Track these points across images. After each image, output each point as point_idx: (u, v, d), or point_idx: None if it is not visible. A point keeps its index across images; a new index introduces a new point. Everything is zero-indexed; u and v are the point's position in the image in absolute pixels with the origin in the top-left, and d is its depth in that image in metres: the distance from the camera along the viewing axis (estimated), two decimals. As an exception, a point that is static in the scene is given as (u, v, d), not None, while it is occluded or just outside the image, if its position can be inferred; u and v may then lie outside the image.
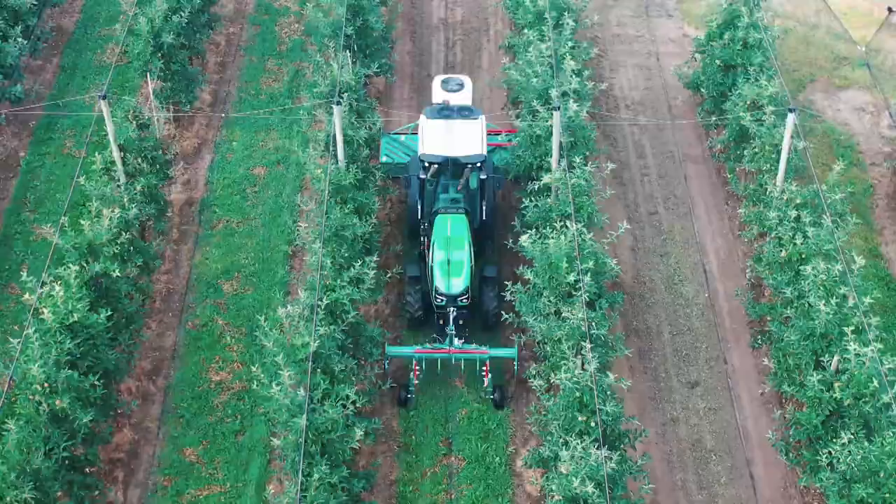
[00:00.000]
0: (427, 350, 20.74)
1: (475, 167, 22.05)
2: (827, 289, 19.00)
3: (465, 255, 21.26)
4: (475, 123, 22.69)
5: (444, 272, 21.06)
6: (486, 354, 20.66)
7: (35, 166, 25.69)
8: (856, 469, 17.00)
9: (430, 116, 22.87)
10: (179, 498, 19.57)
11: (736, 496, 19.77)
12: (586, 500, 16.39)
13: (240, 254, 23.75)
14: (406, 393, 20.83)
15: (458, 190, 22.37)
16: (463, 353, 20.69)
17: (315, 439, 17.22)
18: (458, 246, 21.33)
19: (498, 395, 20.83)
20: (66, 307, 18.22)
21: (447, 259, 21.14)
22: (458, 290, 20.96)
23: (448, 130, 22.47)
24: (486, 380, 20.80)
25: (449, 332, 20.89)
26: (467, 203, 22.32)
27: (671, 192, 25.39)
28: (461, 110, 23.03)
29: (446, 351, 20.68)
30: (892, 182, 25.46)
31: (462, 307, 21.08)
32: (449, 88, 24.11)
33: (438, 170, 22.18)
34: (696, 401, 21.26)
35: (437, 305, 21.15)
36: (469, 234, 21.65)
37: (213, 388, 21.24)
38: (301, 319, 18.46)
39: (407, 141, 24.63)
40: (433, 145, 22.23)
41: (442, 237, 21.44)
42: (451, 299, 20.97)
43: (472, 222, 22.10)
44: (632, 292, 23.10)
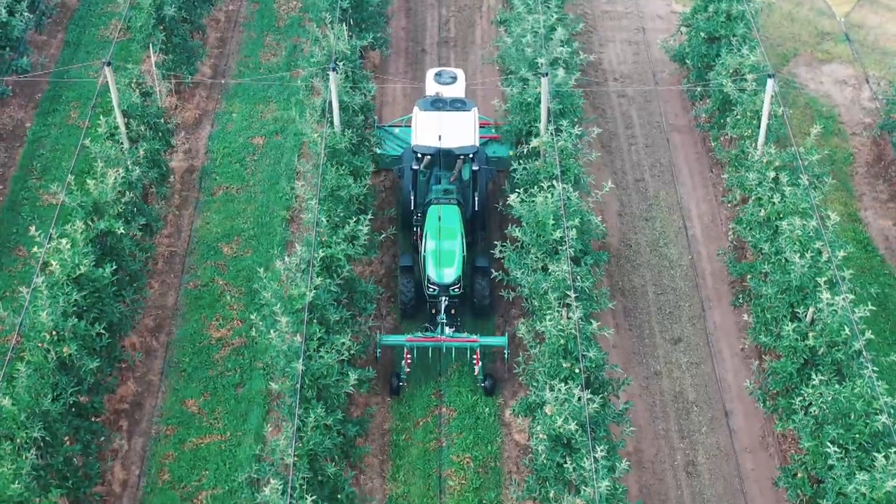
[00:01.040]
0: (419, 339, 21.01)
1: (467, 158, 22.45)
2: (802, 244, 19.81)
3: (458, 245, 21.55)
4: (468, 115, 22.95)
5: (436, 262, 21.31)
6: (477, 343, 20.98)
7: (41, 136, 26.51)
8: (827, 411, 17.82)
9: (423, 108, 23.16)
10: (181, 446, 20.39)
11: (715, 444, 20.59)
12: (569, 439, 17.24)
13: (239, 218, 24.56)
14: (398, 381, 21.13)
15: (450, 181, 22.70)
16: (454, 341, 21.00)
17: (311, 384, 18.02)
18: (451, 236, 21.63)
19: (489, 383, 21.12)
20: (72, 261, 19.03)
21: (439, 249, 21.41)
22: (449, 279, 21.23)
23: (441, 122, 22.72)
24: (477, 368, 21.13)
25: (440, 321, 21.14)
26: (460, 194, 22.65)
27: (657, 160, 26.21)
28: (454, 102, 23.31)
29: (437, 339, 20.97)
30: (872, 151, 26.27)
31: (454, 296, 21.32)
32: (442, 81, 24.45)
33: (431, 161, 22.53)
34: (678, 356, 22.08)
35: (430, 295, 21.39)
36: (461, 224, 21.96)
37: (214, 344, 22.05)
38: (298, 272, 19.26)
39: (401, 133, 25.09)
40: (426, 137, 22.54)
41: (434, 227, 21.74)
42: (443, 289, 21.21)
43: (464, 213, 22.40)
44: (618, 254, 23.92)
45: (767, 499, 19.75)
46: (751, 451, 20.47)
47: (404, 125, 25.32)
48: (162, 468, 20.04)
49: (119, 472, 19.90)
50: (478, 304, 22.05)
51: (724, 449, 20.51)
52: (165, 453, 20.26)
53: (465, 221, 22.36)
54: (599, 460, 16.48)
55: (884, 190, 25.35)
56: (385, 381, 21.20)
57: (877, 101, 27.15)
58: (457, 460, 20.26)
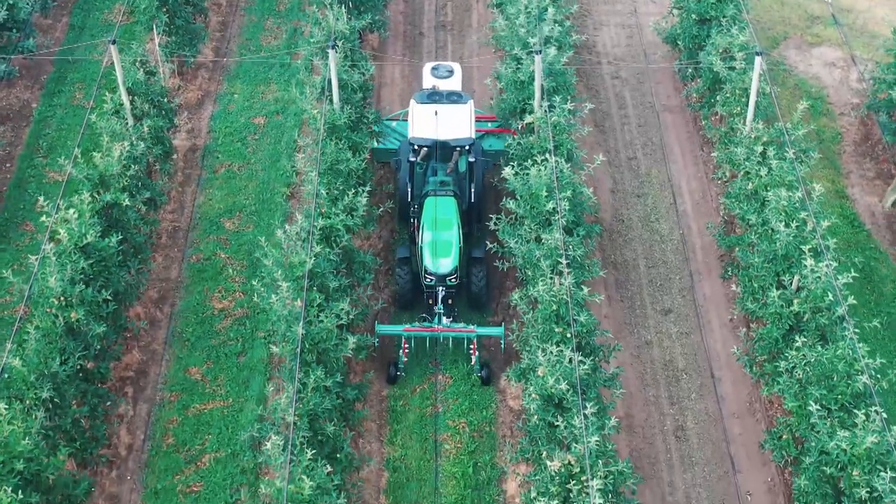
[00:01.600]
0: (416, 329, 21.31)
1: (464, 150, 22.70)
2: (788, 214, 20.40)
3: (454, 236, 21.83)
4: (464, 108, 23.19)
5: (432, 253, 21.59)
6: (474, 333, 21.20)
7: (47, 116, 27.11)
8: (811, 373, 18.42)
9: (420, 101, 23.38)
10: (185, 411, 21.00)
11: (704, 410, 21.19)
12: (560, 399, 17.84)
13: (241, 195, 25.16)
14: (395, 370, 21.45)
15: (447, 173, 22.96)
16: (450, 331, 21.26)
17: (311, 348, 18.61)
18: (447, 227, 21.90)
19: (485, 373, 21.43)
20: (79, 230, 19.62)
21: (436, 240, 21.72)
22: (446, 270, 21.51)
23: (437, 114, 22.98)
24: (474, 358, 21.42)
25: (437, 311, 21.44)
26: (456, 186, 22.90)
27: (649, 139, 26.80)
28: (450, 95, 23.59)
29: (434, 329, 21.26)
30: (860, 130, 26.87)
31: (450, 287, 21.63)
32: (439, 75, 24.70)
33: (428, 153, 22.83)
34: (668, 326, 22.68)
35: (426, 285, 21.65)
36: (458, 215, 22.25)
37: (216, 315, 22.65)
38: (298, 240, 19.85)
39: (398, 127, 25.39)
40: (423, 129, 22.82)
41: (431, 219, 22.01)
42: (440, 279, 21.50)
43: (460, 204, 22.67)
44: (610, 229, 24.52)
45: (754, 462, 20.35)
46: (738, 416, 21.08)
47: (401, 119, 25.65)
48: (166, 432, 20.65)
49: (125, 435, 20.51)
50: (474, 295, 22.39)
51: (712, 414, 21.11)
52: (169, 418, 20.87)
53: (462, 213, 22.66)
54: (589, 417, 17.07)
55: (870, 168, 25.94)
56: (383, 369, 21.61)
57: (864, 83, 27.74)
58: (452, 425, 20.86)
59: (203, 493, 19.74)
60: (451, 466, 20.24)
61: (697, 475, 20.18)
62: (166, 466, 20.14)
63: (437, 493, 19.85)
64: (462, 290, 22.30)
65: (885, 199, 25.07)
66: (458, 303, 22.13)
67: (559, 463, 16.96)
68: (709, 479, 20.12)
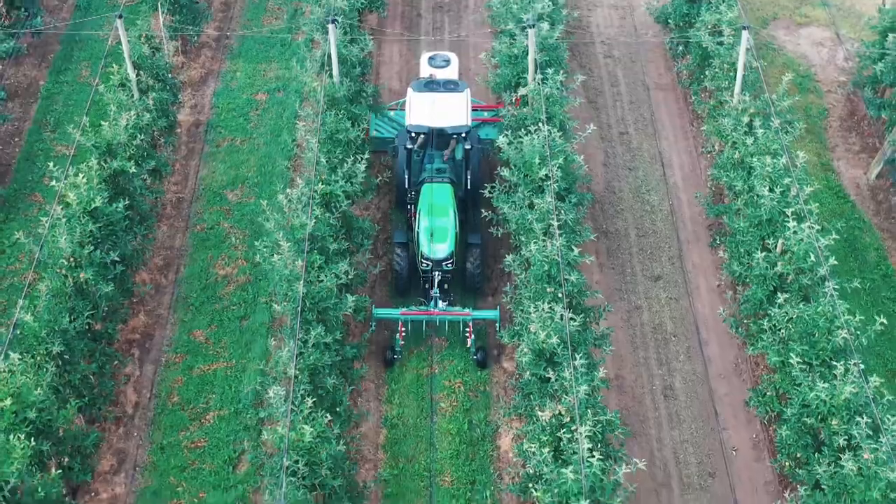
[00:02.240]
0: (412, 312, 21.76)
1: (460, 138, 23.07)
2: (772, 180, 21.11)
3: (450, 222, 22.20)
4: (460, 96, 23.58)
5: (429, 238, 21.97)
6: (469, 316, 21.68)
7: (54, 93, 27.82)
8: (793, 330, 19.13)
9: (417, 90, 23.80)
10: (190, 372, 21.71)
11: (691, 371, 21.90)
12: (552, 353, 18.54)
13: (243, 167, 25.88)
14: (392, 353, 21.84)
15: (443, 160, 23.34)
16: (446, 314, 21.74)
17: (311, 307, 19.30)
18: (443, 213, 22.30)
19: (481, 356, 21.78)
20: (87, 195, 20.32)
21: (432, 225, 22.10)
22: (442, 255, 21.89)
23: (434, 102, 23.39)
24: (470, 340, 21.84)
25: (433, 295, 21.90)
26: (452, 173, 23.29)
27: (640, 115, 27.53)
28: (447, 84, 24.00)
29: (431, 313, 21.72)
30: (846, 106, 27.58)
31: (447, 272, 22.01)
32: (435, 64, 25.20)
33: (425, 140, 23.15)
34: (658, 292, 23.39)
35: (423, 270, 22.04)
36: (454, 202, 22.63)
37: (220, 281, 23.36)
38: (299, 205, 20.54)
39: (396, 117, 25.88)
40: (420, 116, 23.19)
41: (427, 205, 22.41)
42: (436, 264, 21.88)
43: (457, 191, 23.09)
44: (602, 200, 25.24)
45: (739, 419, 21.05)
46: (724, 376, 21.79)
47: (399, 108, 26.09)
48: (171, 392, 21.36)
49: (131, 394, 21.22)
50: (470, 280, 22.77)
51: (699, 375, 21.82)
52: (175, 378, 21.58)
53: (458, 199, 23.10)
54: (579, 369, 17.77)
55: (856, 142, 26.66)
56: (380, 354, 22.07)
57: (850, 61, 28.45)
58: (448, 385, 21.57)
59: (207, 448, 20.45)
60: (446, 423, 20.94)
61: (685, 432, 20.89)
62: (172, 423, 20.86)
63: (433, 448, 20.55)
64: (458, 275, 22.69)
65: (869, 172, 25.79)
66: (454, 288, 22.56)
67: (550, 413, 17.64)
68: (696, 436, 20.82)
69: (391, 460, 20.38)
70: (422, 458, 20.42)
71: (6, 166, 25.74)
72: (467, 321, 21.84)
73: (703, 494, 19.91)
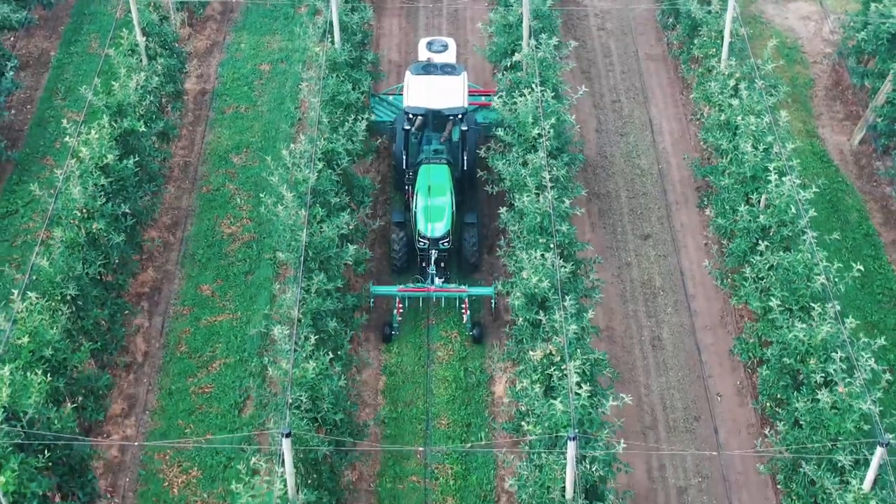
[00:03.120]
0: (410, 289, 22.35)
1: (457, 119, 23.57)
2: (756, 138, 22.01)
3: (447, 201, 22.68)
4: (457, 79, 24.12)
5: (426, 217, 22.43)
6: (465, 293, 22.26)
7: (64, 63, 28.76)
8: (773, 278, 20.02)
9: (415, 73, 24.36)
10: (197, 323, 22.62)
11: (679, 323, 22.81)
12: (543, 298, 19.43)
13: (248, 133, 26.79)
14: (390, 329, 22.39)
15: (440, 142, 23.85)
16: (443, 291, 22.33)
17: (314, 256, 20.20)
18: (440, 193, 22.79)
19: (477, 332, 22.29)
20: (99, 151, 21.22)
21: (429, 205, 22.58)
22: (439, 233, 22.38)
23: (431, 85, 23.91)
24: (465, 316, 22.37)
25: (430, 272, 22.46)
26: (449, 154, 23.82)
27: (632, 85, 28.44)
28: (444, 67, 24.55)
29: (427, 290, 22.32)
30: (831, 77, 28.48)
31: (443, 250, 22.51)
32: (434, 49, 25.86)
33: (423, 122, 23.64)
34: (647, 250, 24.30)
35: (420, 248, 22.59)
36: (451, 182, 23.15)
37: (225, 239, 24.27)
38: (302, 159, 21.44)
39: (394, 101, 26.44)
40: (417, 98, 23.67)
41: (425, 185, 22.89)
42: (433, 242, 22.38)
43: (453, 172, 23.60)
44: (594, 164, 26.14)
45: (724, 368, 21.96)
46: (710, 328, 22.69)
47: (397, 93, 26.70)
48: (179, 341, 22.27)
49: (141, 343, 22.13)
50: (467, 259, 23.32)
51: (685, 326, 22.73)
52: (183, 329, 22.49)
53: (455, 180, 23.62)
54: (569, 309, 18.66)
55: (840, 110, 27.56)
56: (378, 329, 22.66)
57: (836, 34, 29.33)
58: (445, 335, 22.47)
59: (214, 393, 21.37)
60: (443, 371, 21.85)
61: (671, 379, 21.79)
62: (180, 371, 21.76)
63: (431, 393, 21.45)
64: (454, 253, 23.27)
65: (852, 138, 26.70)
66: (451, 266, 23.17)
67: (541, 353, 18.54)
68: (682, 383, 21.72)
69: (390, 404, 21.29)
70: (419, 402, 21.32)
71: (18, 132, 26.66)
72: (463, 297, 22.42)
73: (689, 436, 20.80)
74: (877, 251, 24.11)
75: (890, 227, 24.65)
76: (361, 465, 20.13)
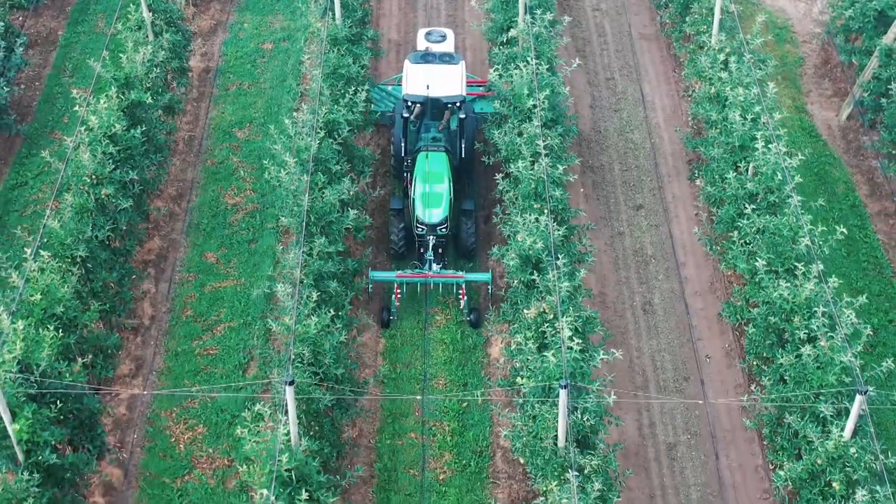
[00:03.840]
0: (408, 275, 22.71)
1: (455, 108, 23.88)
2: (744, 108, 22.70)
3: (445, 188, 23.04)
4: (455, 68, 24.52)
5: (424, 203, 22.80)
6: (462, 279, 22.63)
7: (72, 41, 29.47)
8: (760, 241, 20.71)
9: (414, 61, 24.78)
10: (202, 289, 23.32)
11: (669, 289, 23.50)
12: (537, 259, 20.11)
13: (251, 109, 27.49)
14: (388, 314, 22.76)
15: (438, 130, 24.19)
16: (440, 277, 22.69)
17: (316, 221, 20.89)
18: (438, 180, 23.16)
19: (474, 317, 22.66)
20: (108, 119, 21.91)
21: (427, 191, 22.91)
22: (437, 219, 22.73)
23: (430, 73, 24.25)
24: (463, 302, 22.72)
25: (428, 258, 22.77)
26: (447, 142, 24.16)
27: (626, 63, 29.14)
28: (442, 56, 24.92)
29: (426, 275, 22.68)
30: (820, 55, 29.17)
31: (441, 236, 22.87)
32: (432, 40, 26.24)
33: (421, 110, 23.97)
34: (639, 220, 24.99)
35: (418, 234, 22.92)
36: (449, 169, 23.48)
37: (229, 209, 24.97)
38: (304, 128, 22.12)
39: (394, 91, 26.86)
40: (416, 87, 24.04)
41: (423, 172, 23.25)
42: (431, 228, 22.74)
43: (451, 160, 23.92)
44: (588, 139, 26.84)
45: (713, 331, 22.65)
46: (700, 294, 23.39)
47: (396, 83, 27.12)
48: (185, 306, 22.97)
49: (147, 308, 22.82)
50: (464, 244, 23.69)
51: (676, 292, 23.42)
52: (188, 294, 23.19)
53: (452, 168, 23.94)
54: (562, 268, 19.35)
55: (828, 87, 28.26)
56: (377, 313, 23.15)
57: (826, 14, 30.01)
58: (442, 300, 23.16)
59: (219, 354, 22.07)
60: (440, 334, 22.55)
61: (662, 342, 22.49)
62: (185, 333, 22.46)
63: (428, 355, 22.15)
64: (452, 240, 23.69)
65: (840, 113, 27.40)
66: (448, 252, 23.62)
67: (535, 311, 19.23)
68: (672, 346, 22.42)
69: (389, 365, 21.99)
70: (417, 363, 22.03)
71: (27, 107, 27.36)
72: (461, 283, 22.81)
73: (678, 396, 21.50)
74: (863, 221, 24.79)
75: (876, 199, 25.34)
76: (362, 421, 20.84)
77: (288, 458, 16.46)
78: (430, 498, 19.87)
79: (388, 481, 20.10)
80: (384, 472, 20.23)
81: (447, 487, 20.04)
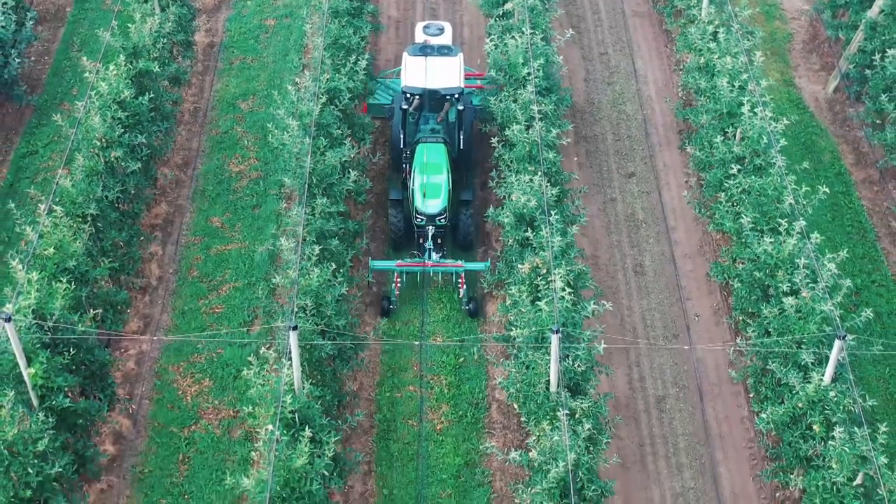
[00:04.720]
0: (407, 264, 23.08)
1: (453, 99, 24.22)
2: (731, 76, 23.49)
3: (443, 179, 23.34)
4: (454, 60, 24.84)
5: (423, 194, 23.06)
6: (461, 268, 22.96)
7: (80, 18, 30.27)
8: (746, 201, 21.49)
9: (413, 54, 25.10)
10: (207, 251, 24.10)
11: (660, 252, 24.29)
12: (531, 217, 20.89)
13: (254, 82, 28.28)
14: (388, 304, 23.11)
15: (437, 121, 24.58)
16: (440, 266, 23.09)
17: (318, 183, 21.67)
18: (437, 171, 23.45)
19: (473, 306, 22.98)
20: (117, 86, 22.69)
21: (426, 182, 23.22)
22: (435, 210, 23.00)
23: (428, 65, 24.60)
24: (462, 291, 23.08)
25: (427, 248, 23.10)
26: (446, 133, 24.55)
27: (619, 38, 29.94)
28: (441, 48, 25.14)
29: (425, 265, 23.07)
30: (808, 31, 29.97)
31: (440, 226, 23.17)
32: (430, 33, 26.66)
33: (420, 102, 24.32)
34: (631, 187, 25.78)
35: (418, 225, 23.20)
36: (447, 160, 23.80)
37: (234, 176, 25.75)
38: (306, 94, 22.90)
39: (392, 84, 27.42)
40: (415, 78, 24.40)
41: (422, 163, 23.55)
42: (430, 219, 23.02)
43: (450, 151, 24.28)
44: (582, 110, 27.63)
45: (702, 291, 23.44)
46: (689, 256, 24.18)
47: (395, 76, 27.67)
48: (191, 267, 23.75)
49: (155, 269, 23.61)
50: (462, 234, 24.02)
51: (666, 255, 24.21)
52: (194, 256, 23.97)
53: (451, 159, 24.25)
54: (554, 224, 20.12)
55: (816, 62, 29.06)
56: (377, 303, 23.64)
57: (814, -8, 30.89)
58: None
59: (224, 313, 22.85)
60: (438, 294, 23.33)
61: (652, 302, 23.28)
62: (192, 293, 23.24)
63: (426, 313, 22.92)
64: (450, 230, 23.97)
65: (827, 86, 28.20)
66: (447, 242, 23.99)
67: (529, 266, 20.01)
68: (662, 305, 23.21)
69: (389, 323, 22.76)
70: (415, 321, 22.80)
71: (37, 80, 28.15)
72: (459, 272, 23.20)
73: (667, 352, 22.28)
74: (847, 188, 25.58)
75: (861, 167, 26.13)
76: (362, 375, 21.63)
77: (292, 399, 17.25)
78: (428, 446, 20.66)
79: (387, 430, 20.90)
80: (384, 423, 21.03)
81: (444, 437, 20.84)
